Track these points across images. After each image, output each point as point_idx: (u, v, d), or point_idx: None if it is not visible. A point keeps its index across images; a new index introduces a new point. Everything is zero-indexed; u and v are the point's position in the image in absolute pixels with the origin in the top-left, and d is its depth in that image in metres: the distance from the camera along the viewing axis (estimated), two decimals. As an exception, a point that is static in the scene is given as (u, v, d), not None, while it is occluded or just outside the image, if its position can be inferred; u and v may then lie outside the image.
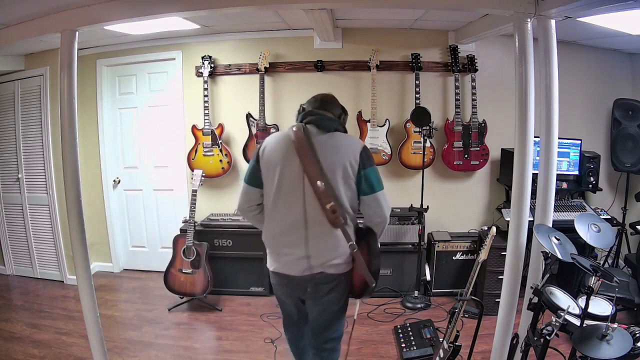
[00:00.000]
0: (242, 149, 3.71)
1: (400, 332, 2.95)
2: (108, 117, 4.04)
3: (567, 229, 1.90)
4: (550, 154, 2.05)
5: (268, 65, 3.64)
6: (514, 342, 2.05)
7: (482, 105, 3.57)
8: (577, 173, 3.44)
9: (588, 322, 1.59)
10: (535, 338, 1.77)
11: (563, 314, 1.60)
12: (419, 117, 3.30)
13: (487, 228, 3.25)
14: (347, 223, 1.81)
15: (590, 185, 3.43)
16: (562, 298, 1.79)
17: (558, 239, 1.81)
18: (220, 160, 3.73)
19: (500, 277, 2.38)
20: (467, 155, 3.61)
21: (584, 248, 2.61)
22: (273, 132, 3.64)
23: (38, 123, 3.87)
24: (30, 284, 4.03)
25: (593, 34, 3.16)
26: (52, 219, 3.98)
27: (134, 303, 3.60)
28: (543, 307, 1.81)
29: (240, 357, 2.81)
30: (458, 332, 2.12)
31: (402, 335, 2.90)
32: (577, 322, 1.61)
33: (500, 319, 2.20)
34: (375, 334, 3.05)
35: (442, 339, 2.27)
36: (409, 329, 2.94)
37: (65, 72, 2.08)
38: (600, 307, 1.72)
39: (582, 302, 1.63)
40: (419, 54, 3.57)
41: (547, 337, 1.62)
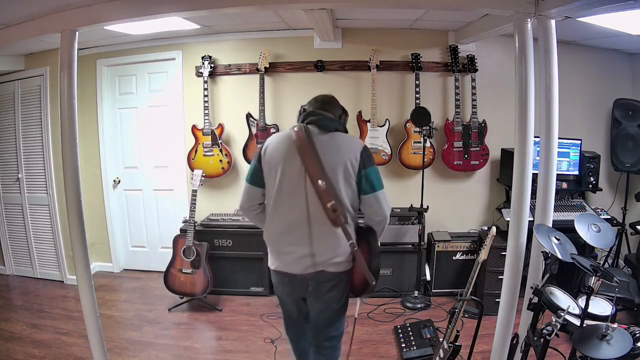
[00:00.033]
0: (242, 149, 3.71)
1: (400, 332, 2.95)
2: (108, 117, 4.04)
3: (567, 229, 1.90)
4: (550, 154, 2.05)
5: (268, 65, 3.64)
6: (514, 342, 2.05)
7: (482, 105, 3.57)
8: (577, 173, 3.44)
9: (588, 322, 1.59)
10: (535, 338, 1.77)
11: (563, 314, 1.60)
12: (419, 117, 3.30)
13: (487, 228, 3.25)
14: (347, 222, 1.83)
15: (590, 185, 3.43)
16: (562, 298, 1.79)
17: (558, 239, 1.81)
18: (220, 160, 3.73)
19: (500, 277, 2.38)
20: (467, 155, 3.61)
21: (584, 248, 2.61)
22: (273, 132, 3.64)
23: (38, 123, 3.87)
24: (30, 284, 4.03)
25: (593, 34, 3.16)
26: (52, 219, 3.98)
27: (134, 303, 3.60)
28: (543, 307, 1.81)
29: (240, 357, 2.81)
30: (458, 332, 2.12)
31: (402, 335, 2.90)
32: (577, 322, 1.61)
33: (500, 319, 2.20)
34: (375, 334, 3.05)
35: (442, 339, 2.27)
36: (409, 329, 2.94)
37: (65, 72, 2.08)
38: (600, 307, 1.72)
39: (582, 302, 1.63)
40: (419, 54, 3.57)
41: (547, 337, 1.62)
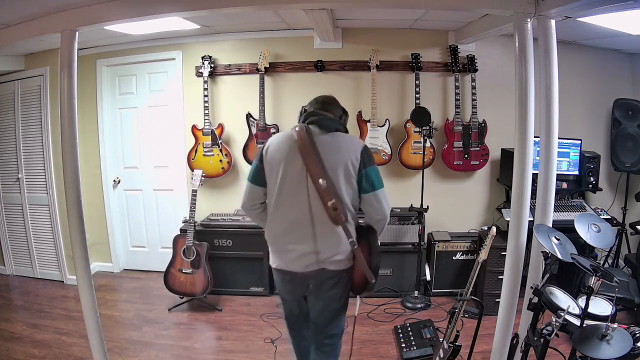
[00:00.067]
0: (242, 149, 3.71)
1: (400, 332, 2.95)
2: (108, 117, 4.04)
3: (567, 229, 1.90)
4: (550, 154, 2.05)
5: (268, 65, 3.64)
6: (514, 342, 2.05)
7: (482, 105, 3.57)
8: (577, 173, 3.44)
9: (588, 322, 1.59)
10: (535, 338, 1.77)
11: (563, 314, 1.60)
12: (419, 117, 3.30)
13: (487, 228, 3.25)
14: (348, 220, 1.86)
15: (590, 185, 3.43)
16: (562, 298, 1.79)
17: (558, 239, 1.81)
18: (220, 160, 3.73)
19: (500, 277, 2.38)
20: (467, 155, 3.61)
21: (584, 248, 2.61)
22: (273, 132, 3.64)
23: (38, 123, 3.87)
24: (30, 284, 4.03)
25: (593, 34, 3.16)
26: (52, 219, 3.98)
27: (134, 303, 3.60)
28: (543, 307, 1.81)
29: (240, 357, 2.81)
30: (458, 332, 2.12)
31: (402, 335, 2.90)
32: (577, 322, 1.61)
33: (500, 319, 2.20)
34: (375, 334, 3.05)
35: (442, 339, 2.27)
36: (409, 329, 2.94)
37: (65, 72, 2.08)
38: (600, 307, 1.72)
39: (582, 302, 1.63)
40: (419, 54, 3.57)
41: (547, 337, 1.62)
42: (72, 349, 2.86)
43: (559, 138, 2.08)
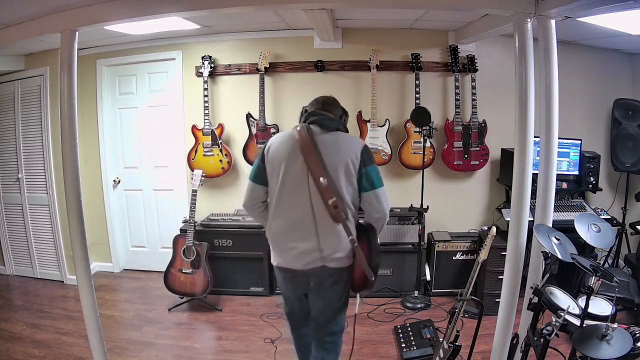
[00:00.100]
0: (242, 149, 3.71)
1: (400, 332, 2.95)
2: (108, 117, 4.03)
3: (567, 229, 1.90)
4: (550, 154, 2.05)
5: (268, 65, 3.64)
6: (514, 342, 2.05)
7: (482, 105, 3.57)
8: (577, 173, 3.44)
9: (588, 322, 1.59)
10: (535, 338, 1.77)
11: (563, 314, 1.60)
12: (419, 117, 3.30)
13: (487, 228, 3.25)
14: (348, 218, 1.88)
15: (590, 185, 3.43)
16: (562, 298, 1.79)
17: (558, 239, 1.81)
18: (220, 160, 3.73)
19: (500, 277, 2.38)
20: (467, 155, 3.61)
21: (584, 248, 2.61)
22: (273, 132, 3.65)
23: (38, 123, 3.87)
24: (30, 284, 4.03)
25: (593, 34, 3.16)
26: (52, 219, 3.98)
27: (134, 303, 3.60)
28: (543, 307, 1.81)
29: (240, 357, 2.81)
30: (458, 332, 2.12)
31: (402, 335, 2.90)
32: (577, 322, 1.61)
33: (500, 319, 2.20)
34: (375, 334, 3.05)
35: (442, 339, 2.27)
36: (409, 329, 2.94)
37: (65, 72, 2.08)
38: (600, 307, 1.72)
39: (582, 302, 1.63)
40: (419, 54, 3.57)
41: (547, 337, 1.62)
42: (72, 349, 2.86)
43: (559, 138, 2.08)
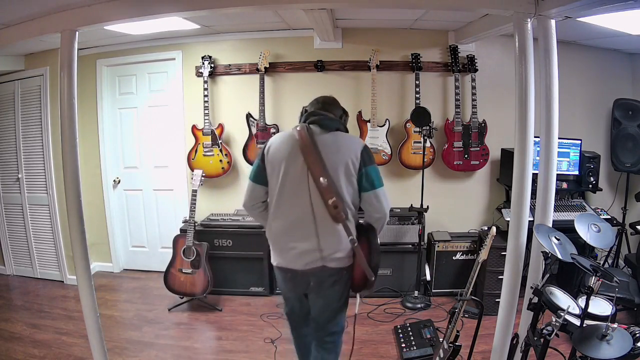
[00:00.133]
0: (242, 149, 3.71)
1: (400, 332, 2.95)
2: (108, 117, 4.03)
3: (567, 229, 1.90)
4: (550, 154, 2.05)
5: (268, 65, 3.64)
6: (514, 342, 2.05)
7: (482, 105, 3.57)
8: (577, 173, 3.44)
9: (588, 322, 1.59)
10: (535, 338, 1.77)
11: (563, 314, 1.60)
12: (419, 117, 3.30)
13: (487, 228, 3.25)
14: (348, 218, 1.88)
15: (590, 185, 3.43)
16: (562, 298, 1.79)
17: (558, 239, 1.81)
18: (220, 160, 3.73)
19: (500, 277, 2.38)
20: (467, 155, 3.61)
21: (584, 248, 2.61)
22: (273, 132, 3.65)
23: (38, 123, 3.87)
24: (30, 284, 4.03)
25: (593, 34, 3.16)
26: (52, 219, 3.98)
27: (134, 303, 3.60)
28: (543, 307, 1.81)
29: (240, 357, 2.81)
30: (458, 332, 2.12)
31: (402, 335, 2.90)
32: (577, 322, 1.61)
33: (500, 319, 2.20)
34: (375, 334, 3.05)
35: (442, 339, 2.27)
36: (409, 329, 2.94)
37: (65, 72, 2.08)
38: (600, 307, 1.72)
39: (582, 302, 1.63)
40: (419, 54, 3.57)
41: (547, 337, 1.62)
42: (72, 349, 2.86)
43: (559, 138, 2.09)
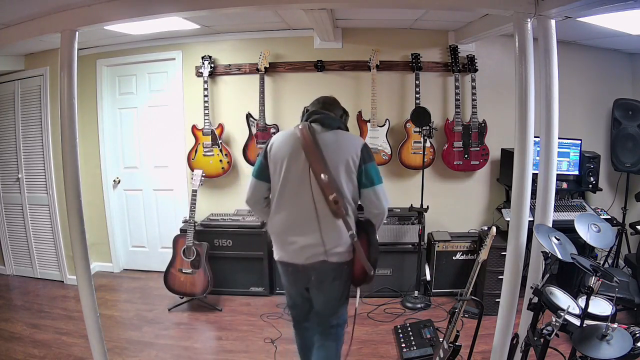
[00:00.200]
0: (242, 149, 3.71)
1: (400, 332, 2.95)
2: (108, 117, 4.03)
3: (567, 229, 1.90)
4: (550, 154, 2.05)
5: (268, 65, 3.64)
6: (514, 342, 2.05)
7: (482, 105, 3.57)
8: (577, 173, 3.44)
9: (588, 322, 1.58)
10: (535, 338, 1.77)
11: (563, 314, 1.60)
12: (419, 117, 3.30)
13: (487, 228, 3.25)
14: (348, 214, 1.93)
15: (590, 185, 3.43)
16: (562, 298, 1.78)
17: (558, 239, 1.81)
18: (220, 160, 3.73)
19: (500, 277, 2.38)
20: (467, 155, 3.61)
21: (584, 248, 2.61)
22: (273, 132, 3.65)
23: (38, 123, 3.87)
24: (30, 284, 4.03)
25: (593, 34, 3.16)
26: (52, 219, 3.98)
27: (134, 303, 3.60)
28: (543, 307, 1.81)
29: (240, 357, 2.81)
30: (458, 332, 2.12)
31: (402, 335, 2.90)
32: (577, 322, 1.61)
33: (500, 319, 2.20)
34: (375, 334, 3.05)
35: (442, 339, 2.27)
36: (409, 329, 2.94)
37: (65, 72, 2.08)
38: (600, 307, 1.72)
39: (582, 302, 1.63)
40: (419, 54, 3.57)
41: (547, 337, 1.62)
42: (72, 349, 2.86)
43: (559, 138, 2.08)
